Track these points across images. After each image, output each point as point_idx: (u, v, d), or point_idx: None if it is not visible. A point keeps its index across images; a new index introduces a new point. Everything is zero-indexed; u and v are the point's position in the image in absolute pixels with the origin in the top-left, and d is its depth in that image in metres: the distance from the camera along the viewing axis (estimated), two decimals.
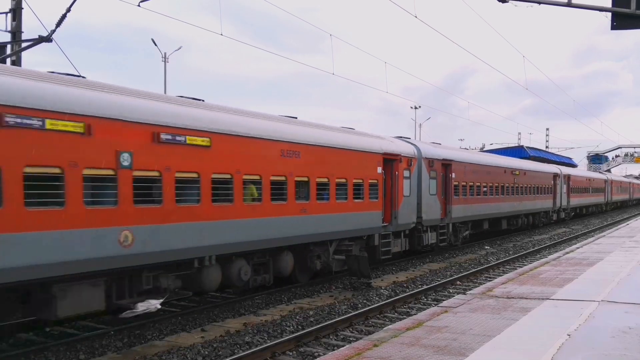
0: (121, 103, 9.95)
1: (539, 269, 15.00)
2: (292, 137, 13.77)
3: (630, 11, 12.03)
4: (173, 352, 9.59)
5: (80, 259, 8.98)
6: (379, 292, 15.06)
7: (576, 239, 29.55)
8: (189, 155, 10.97)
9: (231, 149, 11.96)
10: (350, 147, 16.07)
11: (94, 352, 9.67)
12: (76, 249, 8.92)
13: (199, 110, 11.71)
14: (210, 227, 11.40)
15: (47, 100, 8.70)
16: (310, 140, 14.38)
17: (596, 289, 11.49)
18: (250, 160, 12.45)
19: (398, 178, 18.32)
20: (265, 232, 12.94)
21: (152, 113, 10.42)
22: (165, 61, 42.80)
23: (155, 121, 10.38)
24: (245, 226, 12.29)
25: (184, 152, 10.87)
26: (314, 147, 14.47)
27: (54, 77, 9.41)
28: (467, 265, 20.38)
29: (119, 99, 10.00)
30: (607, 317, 9.04)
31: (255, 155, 12.58)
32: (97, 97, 9.56)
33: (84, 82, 9.91)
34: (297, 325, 11.51)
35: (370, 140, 17.43)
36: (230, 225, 11.90)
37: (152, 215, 10.18)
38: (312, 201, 14.40)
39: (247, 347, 9.91)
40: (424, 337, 8.01)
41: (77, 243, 8.93)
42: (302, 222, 14.07)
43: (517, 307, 9.89)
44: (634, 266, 14.88)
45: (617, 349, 7.19)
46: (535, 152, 55.03)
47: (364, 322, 11.99)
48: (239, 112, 13.03)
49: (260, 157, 12.76)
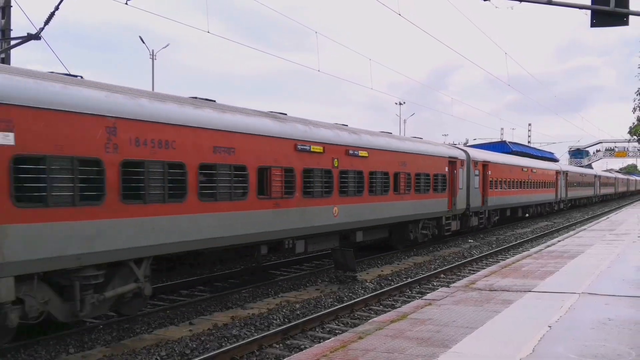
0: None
1: (521, 261, 15.26)
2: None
3: (610, 9, 12.27)
4: (161, 346, 9.68)
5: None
6: (365, 285, 15.23)
7: (558, 232, 29.99)
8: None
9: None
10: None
11: (84, 346, 9.73)
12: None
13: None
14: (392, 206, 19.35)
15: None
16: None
17: (577, 281, 11.74)
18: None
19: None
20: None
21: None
22: (153, 58, 42.68)
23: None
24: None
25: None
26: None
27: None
28: (451, 259, 20.64)
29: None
30: (588, 309, 9.26)
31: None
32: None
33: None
34: (283, 318, 11.64)
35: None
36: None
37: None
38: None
39: (235, 340, 10.02)
40: (408, 329, 8.16)
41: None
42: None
43: (499, 300, 10.09)
44: (614, 259, 15.19)
45: (597, 340, 7.40)
46: (517, 147, 55.51)
47: (350, 314, 12.16)
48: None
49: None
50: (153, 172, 10.39)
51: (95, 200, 9.43)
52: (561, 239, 21.93)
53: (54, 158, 8.76)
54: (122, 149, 9.83)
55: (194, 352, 9.44)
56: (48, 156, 8.69)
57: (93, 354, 9.37)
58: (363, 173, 17.36)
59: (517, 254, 19.83)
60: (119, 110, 9.88)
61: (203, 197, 11.48)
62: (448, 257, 21.02)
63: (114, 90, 10.21)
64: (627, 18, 12.65)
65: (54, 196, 8.76)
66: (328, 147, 15.62)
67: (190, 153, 11.18)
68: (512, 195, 33.30)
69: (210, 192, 11.68)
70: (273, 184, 13.47)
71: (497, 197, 30.05)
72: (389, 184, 18.96)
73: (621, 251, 16.92)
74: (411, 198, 20.67)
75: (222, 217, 12.02)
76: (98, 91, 9.82)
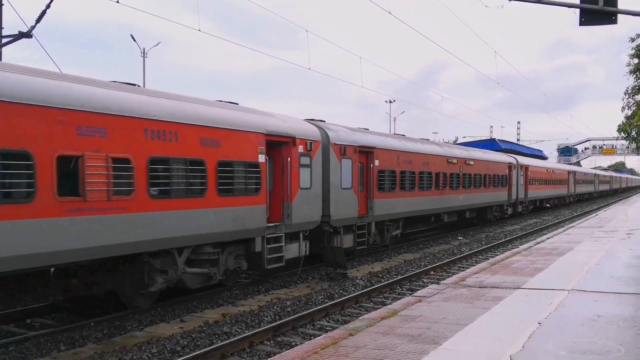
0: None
1: (510, 259, 15.35)
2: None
3: (598, 7, 12.34)
4: (152, 343, 9.66)
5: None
6: (355, 282, 15.27)
7: (547, 230, 30.20)
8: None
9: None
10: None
11: (74, 344, 9.69)
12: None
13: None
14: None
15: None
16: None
17: (566, 278, 11.83)
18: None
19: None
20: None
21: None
22: (144, 56, 42.54)
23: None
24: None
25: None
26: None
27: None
28: (440, 256, 20.73)
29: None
30: (577, 305, 9.33)
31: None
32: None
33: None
34: (274, 316, 11.65)
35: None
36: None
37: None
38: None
39: (226, 337, 10.02)
40: (398, 326, 8.20)
41: None
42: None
43: (489, 296, 10.15)
44: (602, 256, 15.32)
45: (586, 337, 7.46)
46: (507, 145, 55.87)
47: (340, 311, 12.19)
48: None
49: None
50: None
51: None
52: (550, 236, 22.09)
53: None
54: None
55: (184, 349, 9.43)
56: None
57: (84, 351, 9.33)
58: (471, 174, 28.52)
59: (507, 251, 19.95)
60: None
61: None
62: (438, 254, 21.11)
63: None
64: (616, 17, 12.73)
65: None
66: (458, 159, 27.14)
67: None
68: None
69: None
70: (440, 181, 24.86)
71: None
72: (483, 181, 30.14)
73: (610, 248, 17.06)
74: (491, 190, 31.45)
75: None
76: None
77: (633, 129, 28.91)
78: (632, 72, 26.98)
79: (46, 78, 9.34)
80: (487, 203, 31.50)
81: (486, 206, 31.80)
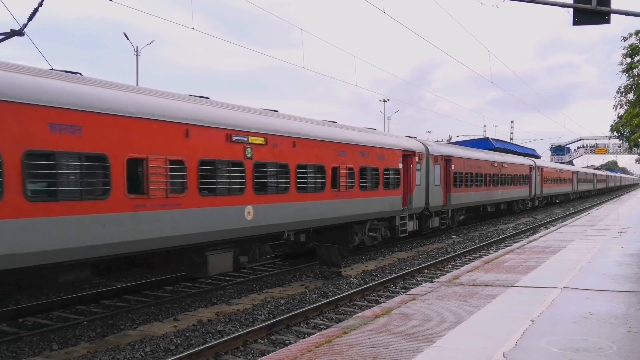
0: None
1: (503, 257, 15.42)
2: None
3: (592, 7, 12.39)
4: (146, 342, 9.63)
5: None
6: (349, 280, 15.29)
7: (540, 228, 30.32)
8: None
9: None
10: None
11: (67, 343, 9.66)
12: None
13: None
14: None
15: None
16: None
17: (559, 276, 11.90)
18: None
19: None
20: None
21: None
22: (138, 55, 42.37)
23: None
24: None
25: None
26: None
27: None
28: (434, 254, 20.78)
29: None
30: (569, 303, 9.39)
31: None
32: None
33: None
34: (268, 314, 11.65)
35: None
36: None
37: None
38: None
39: (220, 336, 10.00)
40: (392, 324, 8.22)
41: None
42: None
43: (482, 294, 10.19)
44: (595, 254, 15.41)
45: (578, 334, 7.51)
46: (500, 144, 55.95)
47: (334, 310, 12.20)
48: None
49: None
50: None
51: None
52: (543, 234, 22.20)
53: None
54: None
55: (178, 348, 9.42)
56: None
57: (77, 350, 9.30)
58: (505, 175, 33.03)
59: (500, 249, 20.02)
60: None
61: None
62: (431, 253, 21.16)
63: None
64: (609, 16, 12.78)
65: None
66: (498, 163, 30.68)
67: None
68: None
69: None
70: (488, 180, 29.50)
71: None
72: (513, 180, 33.19)
73: (602, 246, 17.16)
74: (518, 188, 34.86)
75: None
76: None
77: (625, 127, 29.05)
78: (624, 71, 27.10)
79: (129, 92, 10.72)
80: (515, 198, 39.42)
81: (514, 200, 39.53)
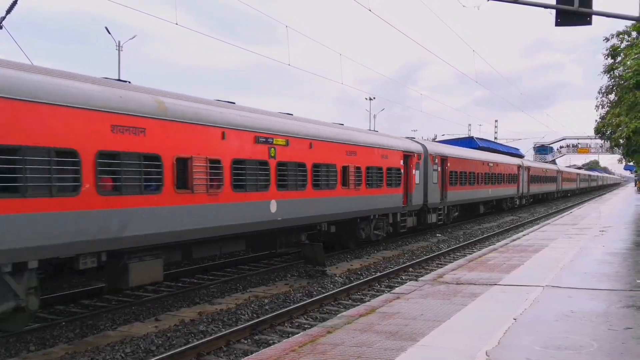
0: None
1: (487, 255, 15.47)
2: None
3: (574, 8, 12.48)
4: (126, 342, 9.50)
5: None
6: (334, 279, 15.25)
7: (523, 227, 30.55)
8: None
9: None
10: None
11: (45, 344, 9.49)
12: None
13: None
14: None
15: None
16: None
17: (541, 274, 11.96)
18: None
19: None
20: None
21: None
22: (119, 50, 41.93)
23: None
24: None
25: None
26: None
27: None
28: (419, 253, 20.83)
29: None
30: (552, 301, 9.44)
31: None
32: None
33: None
34: (252, 314, 11.56)
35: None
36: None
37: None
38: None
39: (202, 336, 9.90)
40: (376, 323, 8.19)
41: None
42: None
43: (466, 293, 10.20)
44: (576, 252, 15.52)
45: (560, 332, 7.54)
46: (484, 143, 56.35)
47: (319, 309, 12.15)
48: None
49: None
50: None
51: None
52: (526, 233, 22.34)
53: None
54: None
55: (159, 349, 9.30)
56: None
57: (55, 352, 9.14)
58: (495, 173, 33.59)
59: (484, 247, 20.10)
60: None
61: None
62: (416, 251, 21.21)
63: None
64: (591, 18, 12.88)
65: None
66: (490, 162, 31.30)
67: None
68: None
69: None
70: (481, 178, 30.65)
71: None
72: (503, 179, 34.31)
73: (584, 245, 17.30)
74: (507, 186, 35.22)
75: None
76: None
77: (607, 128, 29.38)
78: (606, 72, 27.40)
79: (189, 101, 12.52)
80: (504, 196, 40.96)
81: (503, 198, 41.09)
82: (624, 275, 12.00)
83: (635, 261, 13.87)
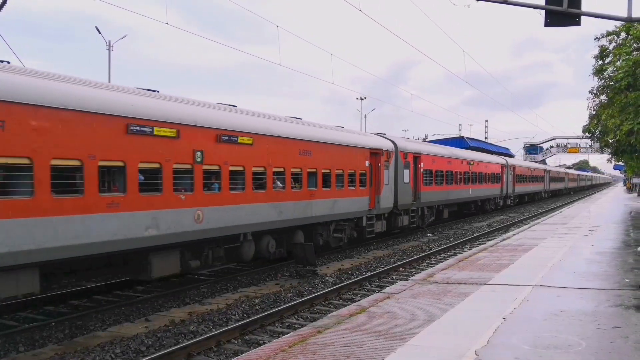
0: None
1: (477, 255, 15.54)
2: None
3: (563, 9, 12.54)
4: (116, 343, 9.46)
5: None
6: (325, 279, 15.25)
7: (513, 226, 30.69)
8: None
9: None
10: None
11: (34, 344, 9.43)
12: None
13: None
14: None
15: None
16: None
17: (531, 274, 12.03)
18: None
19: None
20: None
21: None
22: (110, 49, 41.70)
23: None
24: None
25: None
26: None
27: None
28: (409, 252, 20.87)
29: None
30: (541, 300, 9.50)
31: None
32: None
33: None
34: (242, 314, 11.55)
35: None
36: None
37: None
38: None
39: (192, 336, 9.88)
40: (366, 323, 8.21)
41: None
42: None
43: (456, 292, 10.24)
44: (566, 252, 15.63)
45: (549, 331, 7.59)
46: (475, 143, 56.57)
47: (309, 309, 12.15)
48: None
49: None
50: None
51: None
52: (516, 232, 22.45)
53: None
54: None
55: (149, 349, 9.27)
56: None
57: (44, 352, 9.09)
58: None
59: (474, 247, 20.17)
60: None
61: None
62: (407, 251, 21.25)
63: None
64: (580, 18, 12.95)
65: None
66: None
67: None
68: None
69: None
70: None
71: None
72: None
73: (573, 244, 17.42)
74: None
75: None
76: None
77: (596, 128, 29.58)
78: (596, 73, 27.54)
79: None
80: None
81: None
82: (612, 274, 12.10)
83: (624, 260, 13.99)
